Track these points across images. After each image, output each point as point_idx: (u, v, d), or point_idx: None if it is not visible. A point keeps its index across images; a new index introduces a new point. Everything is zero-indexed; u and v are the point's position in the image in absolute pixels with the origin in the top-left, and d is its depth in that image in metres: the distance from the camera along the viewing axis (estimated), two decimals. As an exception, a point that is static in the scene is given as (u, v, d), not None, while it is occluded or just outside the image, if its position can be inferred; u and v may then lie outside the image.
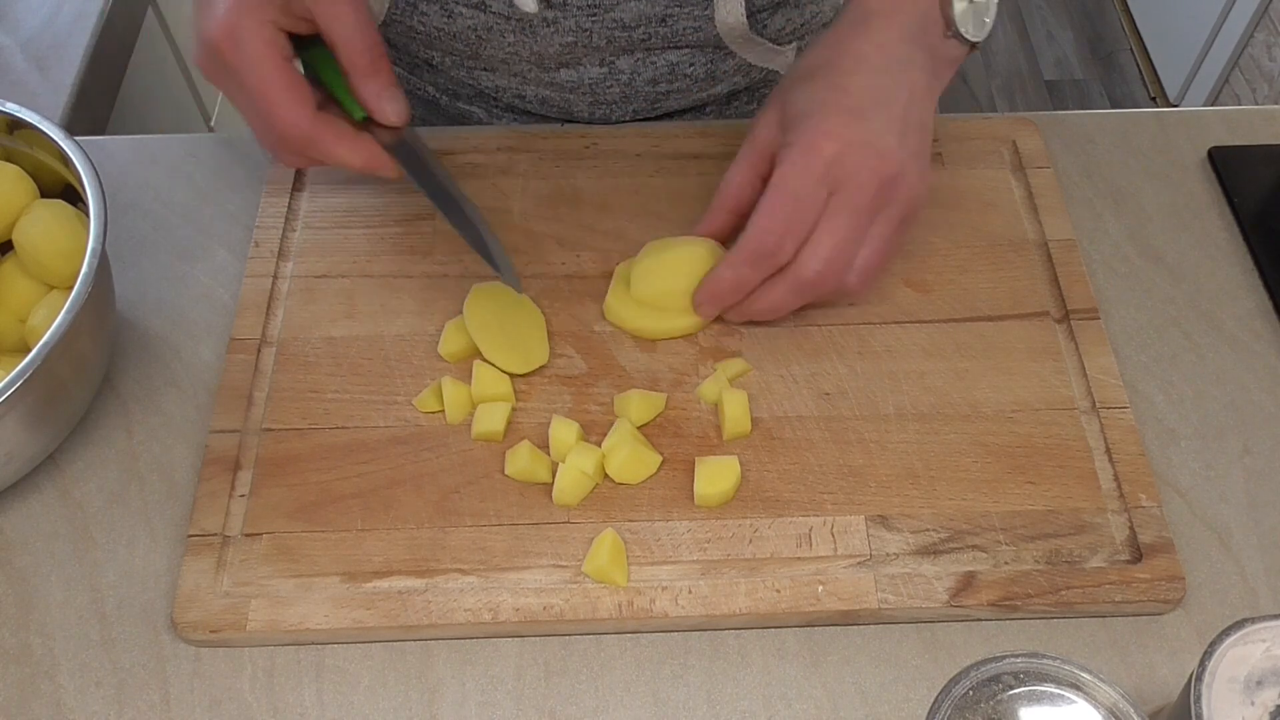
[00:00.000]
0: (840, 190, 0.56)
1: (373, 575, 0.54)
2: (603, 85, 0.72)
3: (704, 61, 0.73)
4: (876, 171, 0.56)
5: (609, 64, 0.71)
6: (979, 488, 0.57)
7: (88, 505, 0.58)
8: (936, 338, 0.62)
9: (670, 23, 0.69)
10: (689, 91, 0.75)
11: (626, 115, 0.76)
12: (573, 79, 0.72)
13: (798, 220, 0.56)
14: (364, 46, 0.56)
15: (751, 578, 0.54)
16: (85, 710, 0.52)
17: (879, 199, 0.57)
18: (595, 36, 0.69)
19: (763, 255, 0.57)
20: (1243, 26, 1.91)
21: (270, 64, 0.54)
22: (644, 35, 0.69)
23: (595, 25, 0.68)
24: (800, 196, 0.56)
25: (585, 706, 0.52)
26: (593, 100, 0.74)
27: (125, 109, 0.98)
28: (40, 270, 0.59)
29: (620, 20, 0.68)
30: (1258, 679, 0.42)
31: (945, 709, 0.41)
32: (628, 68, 0.72)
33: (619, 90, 0.73)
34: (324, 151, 0.57)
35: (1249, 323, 0.65)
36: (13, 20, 0.92)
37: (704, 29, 0.69)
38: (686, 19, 0.68)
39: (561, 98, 0.74)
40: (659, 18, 0.68)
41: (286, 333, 0.63)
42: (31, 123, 0.60)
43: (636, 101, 0.75)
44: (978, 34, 0.61)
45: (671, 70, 0.72)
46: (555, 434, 0.57)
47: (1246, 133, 0.73)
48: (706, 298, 0.60)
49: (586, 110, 0.75)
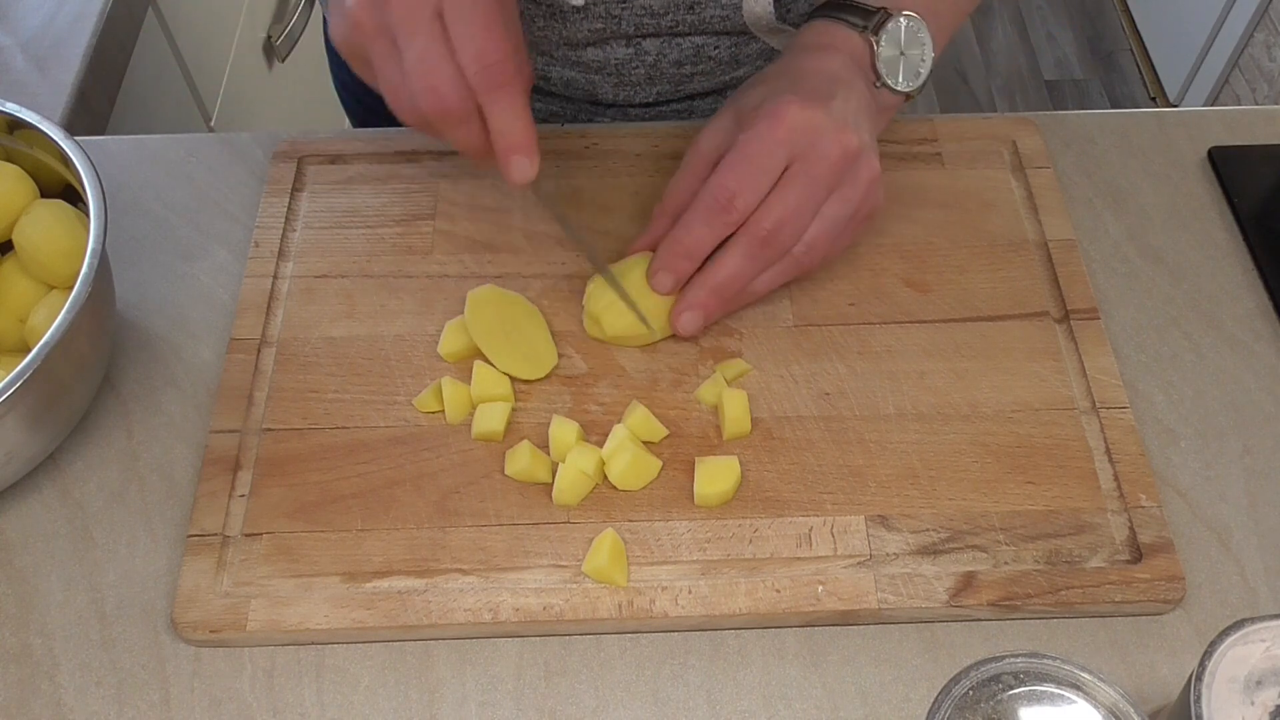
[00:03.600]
0: (800, 159, 0.57)
1: (373, 575, 0.54)
2: (628, 66, 0.73)
3: (729, 45, 0.74)
4: (838, 143, 0.57)
5: (635, 44, 0.72)
6: (979, 488, 0.57)
7: (88, 505, 0.58)
8: (936, 338, 0.62)
9: (698, 10, 0.69)
10: (713, 74, 0.76)
11: (650, 97, 0.76)
12: (599, 58, 0.73)
13: (752, 178, 0.57)
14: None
15: (751, 578, 0.54)
16: (85, 710, 0.52)
17: (837, 172, 0.57)
18: (624, 24, 0.70)
19: (717, 210, 0.57)
20: (1243, 26, 1.91)
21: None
22: (672, 22, 0.70)
23: (625, 12, 0.69)
24: (759, 157, 0.57)
25: (585, 706, 0.52)
26: (618, 81, 0.75)
27: (125, 109, 0.98)
28: (40, 270, 0.59)
29: (649, 7, 0.69)
30: (1258, 679, 0.42)
31: (945, 709, 0.41)
32: (654, 49, 0.72)
33: (644, 71, 0.74)
34: (509, 101, 0.53)
35: (1249, 323, 0.65)
36: (13, 20, 0.92)
37: (731, 17, 0.70)
38: (714, 7, 0.69)
39: (586, 79, 0.75)
40: (687, 5, 0.69)
41: (286, 333, 0.63)
42: (31, 123, 0.60)
43: (661, 84, 0.75)
44: (908, 84, 0.62)
45: (696, 52, 0.73)
46: (555, 434, 0.57)
47: (1246, 133, 0.73)
48: (662, 264, 0.59)
49: (611, 92, 0.76)
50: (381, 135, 0.71)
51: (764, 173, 0.57)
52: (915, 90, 0.63)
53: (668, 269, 0.59)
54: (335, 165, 0.70)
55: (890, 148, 0.70)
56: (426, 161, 0.70)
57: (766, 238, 0.57)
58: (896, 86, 0.62)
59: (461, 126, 0.54)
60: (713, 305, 0.60)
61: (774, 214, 0.57)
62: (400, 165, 0.70)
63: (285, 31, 1.40)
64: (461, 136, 0.55)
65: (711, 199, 0.57)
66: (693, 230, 0.58)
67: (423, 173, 0.70)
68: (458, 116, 0.53)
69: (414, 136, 0.71)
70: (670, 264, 0.59)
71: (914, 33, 0.61)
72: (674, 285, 0.60)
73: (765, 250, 0.58)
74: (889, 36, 0.61)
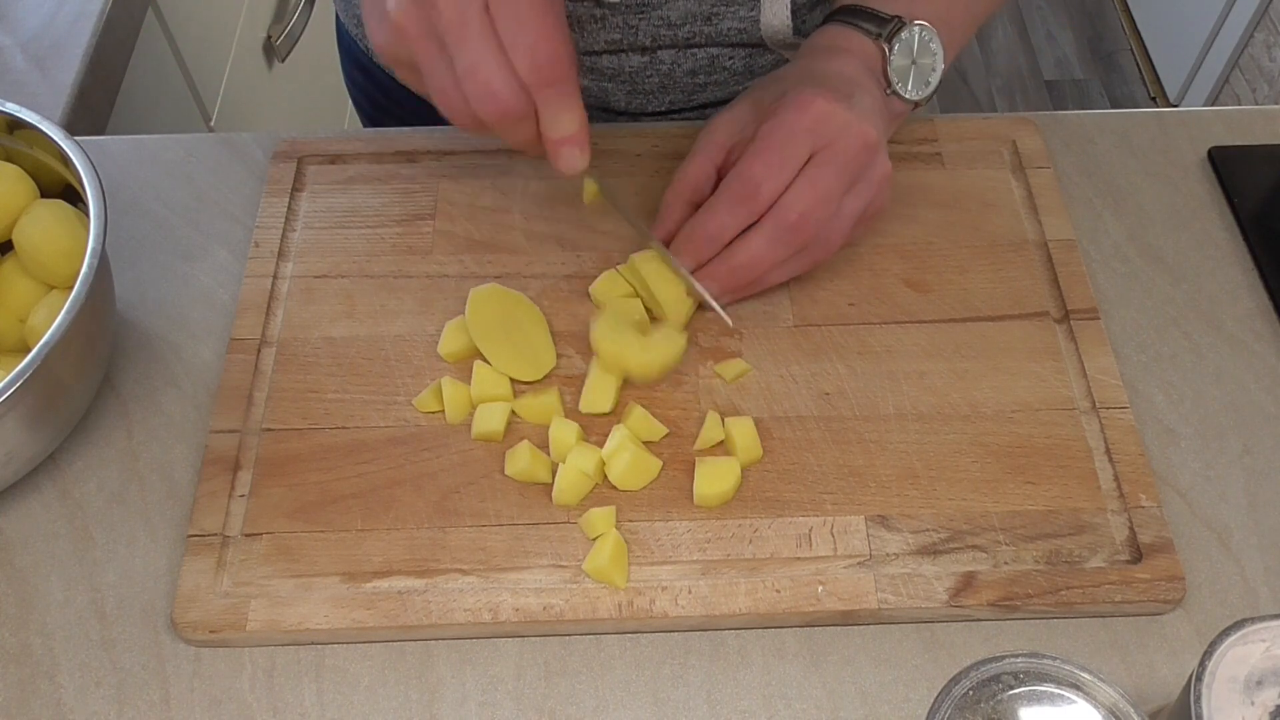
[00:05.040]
0: (824, 149, 0.57)
1: (373, 575, 0.54)
2: (642, 75, 0.73)
3: (743, 56, 0.74)
4: (860, 136, 0.58)
5: (651, 54, 0.72)
6: (979, 488, 0.57)
7: (88, 505, 0.58)
8: (936, 338, 0.62)
9: (715, 21, 0.69)
10: (726, 85, 0.76)
11: (663, 106, 0.76)
12: (614, 66, 0.73)
13: (779, 166, 0.57)
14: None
15: (751, 578, 0.54)
16: (85, 710, 0.52)
17: (858, 165, 0.58)
18: (641, 34, 0.70)
19: (743, 198, 0.57)
20: (1243, 26, 1.91)
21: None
22: (689, 34, 0.70)
23: (642, 23, 0.69)
24: (785, 145, 0.57)
25: (585, 706, 0.52)
26: (631, 89, 0.75)
27: (125, 109, 0.98)
28: (40, 270, 0.59)
29: (666, 18, 0.69)
30: (1258, 679, 0.42)
31: (945, 709, 0.41)
32: (669, 59, 0.73)
33: (658, 80, 0.74)
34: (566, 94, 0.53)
35: (1249, 323, 0.65)
36: (13, 20, 0.92)
37: (749, 30, 0.71)
38: (732, 19, 0.69)
39: (600, 87, 0.75)
40: (704, 16, 0.69)
41: (286, 333, 0.63)
42: (31, 123, 0.59)
43: (674, 92, 0.75)
44: (918, 93, 0.63)
45: (711, 63, 0.73)
46: (555, 434, 0.57)
47: (1246, 133, 0.73)
48: (686, 245, 0.59)
49: (624, 100, 0.76)
50: (381, 135, 0.71)
51: (789, 159, 0.57)
52: (924, 99, 0.63)
53: (690, 254, 0.60)
54: (335, 165, 0.70)
55: (890, 148, 0.70)
56: (426, 161, 0.70)
57: (795, 223, 0.57)
58: (906, 94, 0.62)
59: (519, 125, 0.54)
60: (730, 283, 0.60)
61: (803, 200, 0.57)
62: (400, 165, 0.70)
63: (285, 31, 1.40)
64: (519, 135, 0.55)
65: (740, 185, 0.58)
66: (718, 215, 0.58)
67: (423, 173, 0.70)
68: (516, 117, 0.53)
69: (414, 136, 0.71)
70: (692, 249, 0.60)
71: (926, 42, 0.62)
72: (694, 268, 0.60)
73: (792, 237, 0.58)
74: (902, 44, 0.62)
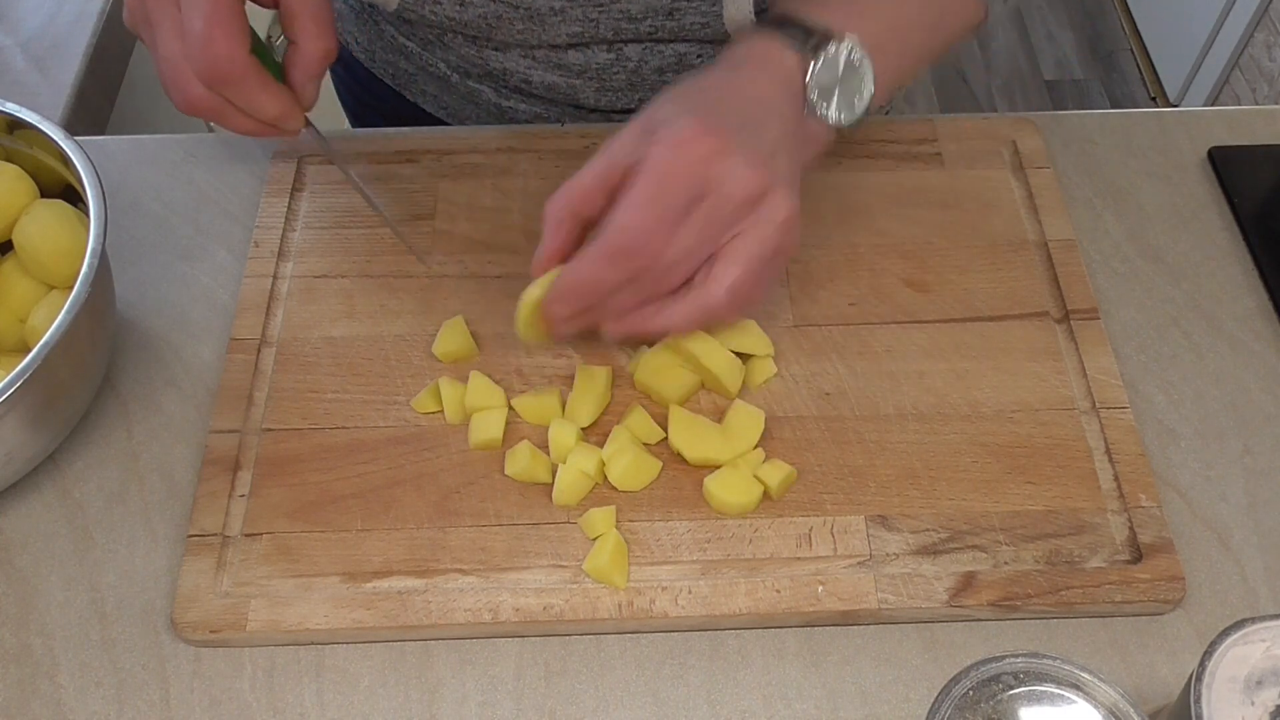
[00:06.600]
0: (706, 197, 0.52)
1: (373, 575, 0.54)
2: (609, 71, 0.73)
3: (711, 54, 0.73)
4: (742, 183, 0.52)
5: (617, 49, 0.72)
6: (979, 488, 0.57)
7: (88, 505, 0.58)
8: (936, 338, 0.62)
9: (677, 16, 0.69)
10: None
11: (633, 104, 0.76)
12: (580, 62, 0.72)
13: (661, 219, 0.51)
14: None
15: (751, 578, 0.54)
16: (85, 710, 0.52)
17: (741, 215, 0.52)
18: (602, 27, 0.69)
19: (623, 253, 0.52)
20: (1243, 26, 1.91)
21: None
22: (650, 28, 0.69)
23: (602, 16, 0.68)
24: (661, 196, 0.51)
25: (585, 706, 0.52)
26: (599, 86, 0.74)
27: (125, 109, 0.98)
28: (40, 270, 0.59)
29: (627, 12, 0.68)
30: (1258, 679, 0.42)
31: (945, 709, 0.41)
32: (635, 55, 0.72)
33: (625, 77, 0.73)
34: (246, 94, 0.55)
35: (1249, 323, 0.65)
36: (13, 20, 0.92)
37: (712, 25, 0.69)
38: (694, 14, 0.68)
39: (568, 83, 0.74)
40: (666, 11, 0.68)
41: (286, 333, 0.63)
42: (31, 123, 0.60)
43: (643, 90, 0.75)
44: (841, 116, 0.56)
45: (679, 60, 0.73)
46: (555, 435, 0.57)
47: (1246, 133, 0.73)
48: (559, 298, 0.54)
49: (593, 97, 0.75)
50: (381, 135, 0.71)
51: (667, 212, 0.51)
52: (851, 123, 0.57)
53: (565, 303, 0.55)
54: (335, 165, 0.70)
55: (890, 148, 0.70)
56: (426, 161, 0.70)
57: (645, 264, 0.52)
58: (829, 116, 0.56)
59: (224, 118, 0.56)
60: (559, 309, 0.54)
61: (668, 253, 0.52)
62: (400, 165, 0.70)
63: (285, 32, 1.40)
64: (227, 124, 0.57)
65: (620, 240, 0.52)
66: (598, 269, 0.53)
67: (423, 173, 0.70)
68: (210, 111, 0.56)
69: (414, 136, 0.71)
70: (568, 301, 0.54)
71: (855, 62, 0.56)
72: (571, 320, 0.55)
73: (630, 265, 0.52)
74: (827, 61, 0.55)
